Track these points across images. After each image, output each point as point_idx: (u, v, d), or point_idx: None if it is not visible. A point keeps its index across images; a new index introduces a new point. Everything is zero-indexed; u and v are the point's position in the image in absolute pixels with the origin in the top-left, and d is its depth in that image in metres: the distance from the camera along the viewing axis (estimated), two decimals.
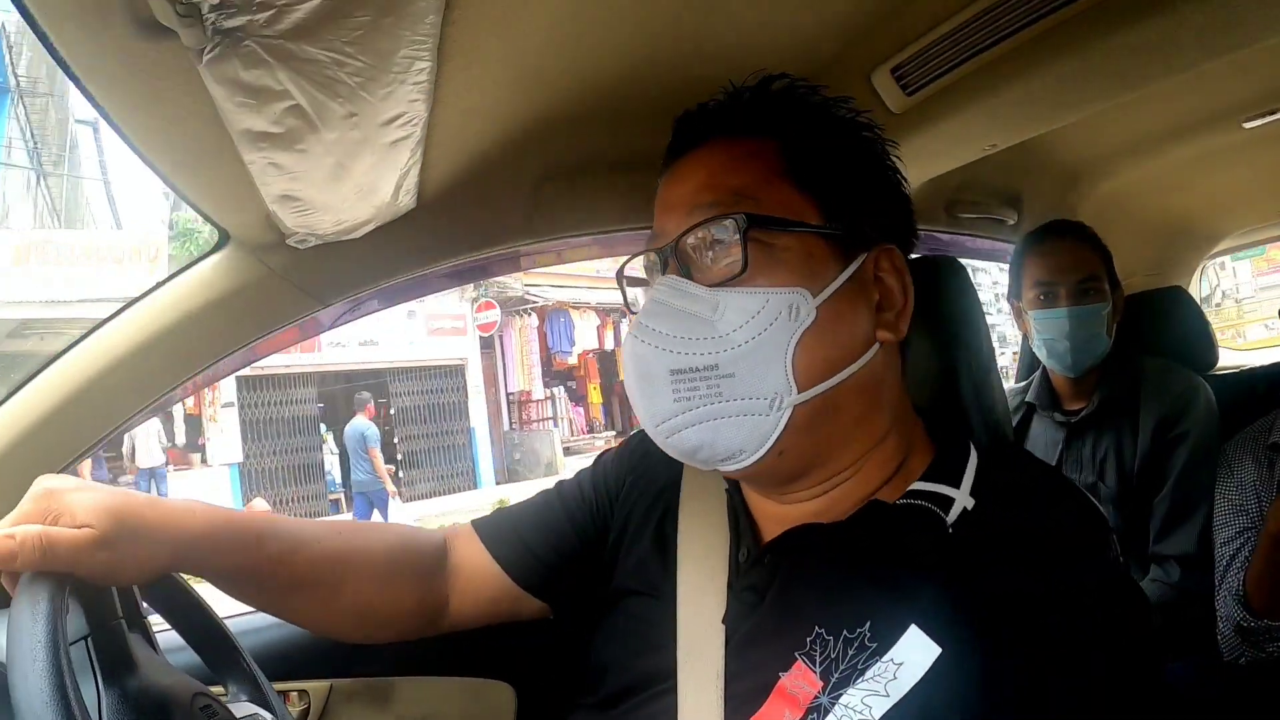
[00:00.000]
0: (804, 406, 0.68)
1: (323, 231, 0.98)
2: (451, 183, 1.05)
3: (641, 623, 0.81)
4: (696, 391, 0.68)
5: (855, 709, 0.61)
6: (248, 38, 0.59)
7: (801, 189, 0.72)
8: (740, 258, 0.68)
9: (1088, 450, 1.72)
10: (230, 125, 0.72)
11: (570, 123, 1.05)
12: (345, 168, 0.82)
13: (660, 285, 0.72)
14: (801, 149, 0.74)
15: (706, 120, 0.78)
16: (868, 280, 0.73)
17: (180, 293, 1.07)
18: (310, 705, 1.24)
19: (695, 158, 0.76)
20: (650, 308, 0.72)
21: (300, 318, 1.11)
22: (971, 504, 0.68)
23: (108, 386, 1.06)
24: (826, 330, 0.69)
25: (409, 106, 0.76)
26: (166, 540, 0.71)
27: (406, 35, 0.65)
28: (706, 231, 0.71)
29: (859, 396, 0.72)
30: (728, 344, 0.67)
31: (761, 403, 0.67)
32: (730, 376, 0.67)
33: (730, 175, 0.73)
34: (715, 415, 0.68)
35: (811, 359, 0.68)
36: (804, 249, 0.70)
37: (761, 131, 0.75)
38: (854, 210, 0.73)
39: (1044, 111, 1.22)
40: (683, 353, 0.68)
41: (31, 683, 0.55)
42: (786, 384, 0.67)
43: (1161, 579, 1.60)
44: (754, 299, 0.68)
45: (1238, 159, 1.82)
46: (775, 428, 0.68)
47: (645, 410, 0.71)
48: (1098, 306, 1.62)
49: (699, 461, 0.72)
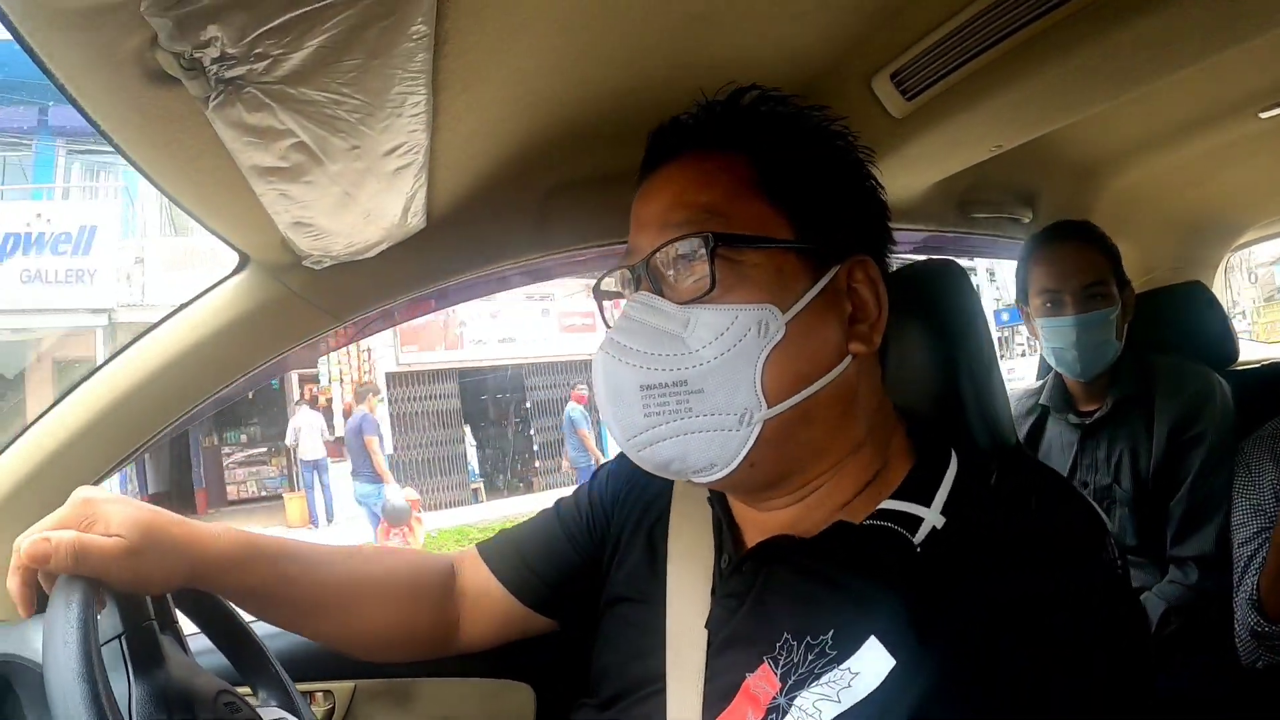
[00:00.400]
0: (774, 420, 0.69)
1: (336, 252, 1.02)
2: (459, 201, 1.08)
3: (633, 628, 0.83)
4: (666, 406, 0.68)
5: (807, 711, 0.63)
6: (248, 85, 0.63)
7: (772, 202, 0.72)
8: (708, 275, 0.69)
9: (1102, 452, 1.70)
10: (240, 162, 0.75)
11: (573, 139, 1.08)
12: (352, 195, 0.86)
13: (632, 302, 0.73)
14: (772, 161, 0.74)
15: (678, 135, 0.78)
16: (840, 292, 0.73)
17: (205, 313, 1.12)
18: (335, 705, 1.29)
19: (667, 173, 0.76)
20: (622, 324, 0.73)
21: (318, 334, 1.15)
22: (941, 523, 0.68)
23: (141, 401, 1.10)
24: (796, 345, 0.69)
25: (409, 136, 0.79)
26: (188, 556, 0.76)
27: (399, 74, 0.68)
28: (675, 249, 0.71)
29: (831, 408, 0.72)
30: (697, 360, 0.68)
31: (731, 418, 0.68)
32: (699, 392, 0.68)
33: (700, 191, 0.73)
34: (685, 430, 0.69)
35: (781, 374, 0.68)
36: (773, 264, 0.70)
37: (733, 145, 0.75)
38: (826, 222, 0.73)
39: (1048, 111, 1.21)
40: (653, 368, 0.69)
41: (64, 676, 0.60)
42: (756, 399, 0.68)
43: (1180, 580, 1.58)
44: (723, 316, 0.68)
45: (1256, 151, 1.79)
46: (746, 442, 0.69)
47: (616, 425, 0.72)
48: (1105, 312, 1.59)
49: (672, 473, 0.73)
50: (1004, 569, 0.63)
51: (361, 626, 0.92)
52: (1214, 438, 1.60)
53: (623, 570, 0.89)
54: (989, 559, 0.64)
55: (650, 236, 0.74)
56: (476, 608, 0.98)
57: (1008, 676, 0.59)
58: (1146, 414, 1.65)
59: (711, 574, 0.79)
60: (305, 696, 1.27)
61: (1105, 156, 1.79)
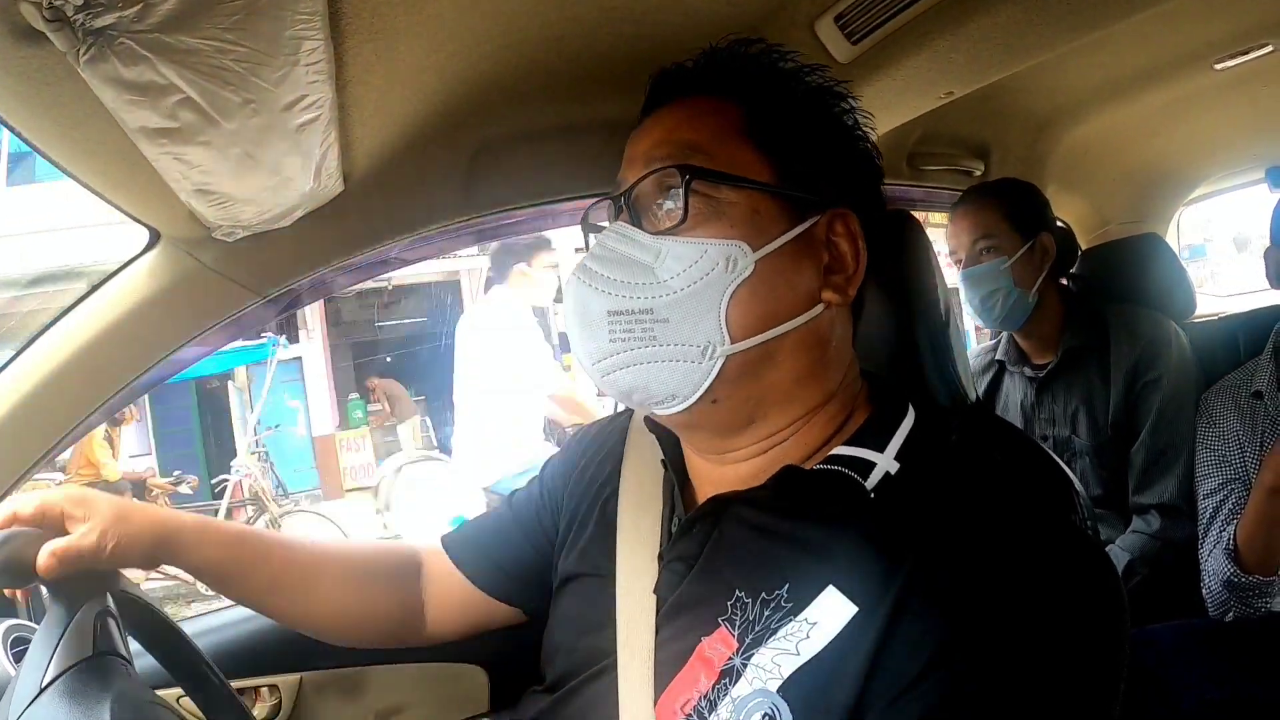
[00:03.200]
0: (737, 357, 0.69)
1: (248, 221, 0.96)
2: (379, 162, 1.03)
3: (585, 603, 0.82)
4: (631, 334, 0.69)
5: (765, 668, 0.61)
6: (120, 35, 0.58)
7: (759, 148, 0.72)
8: (682, 207, 0.69)
9: (1059, 404, 1.70)
10: (124, 124, 0.70)
11: (500, 92, 1.02)
12: (254, 157, 0.80)
13: (608, 232, 0.74)
14: (765, 112, 0.74)
15: (677, 79, 0.79)
16: (818, 241, 0.73)
17: (117, 294, 1.05)
18: (281, 700, 1.24)
19: (659, 115, 0.77)
20: (596, 251, 0.73)
21: (240, 310, 1.09)
22: (895, 468, 0.68)
23: (52, 397, 1.04)
24: (764, 284, 0.69)
25: (309, 88, 0.73)
26: (151, 524, 0.81)
27: (289, 15, 0.62)
28: (655, 181, 0.72)
29: (799, 354, 0.72)
30: (664, 290, 0.68)
31: (694, 349, 0.68)
32: (665, 321, 0.68)
33: (687, 130, 0.73)
34: (648, 359, 0.69)
35: (746, 311, 0.68)
36: (750, 205, 0.70)
37: (728, 93, 0.75)
38: (811, 174, 0.73)
39: (1000, 55, 1.17)
40: (621, 295, 0.69)
41: None
42: (720, 333, 0.68)
43: (1143, 530, 1.59)
44: (692, 248, 0.68)
45: (1211, 102, 1.78)
46: (707, 375, 0.69)
47: (582, 349, 0.72)
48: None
49: (634, 403, 0.74)
50: (964, 518, 0.61)
51: (319, 604, 0.94)
52: (1172, 383, 1.60)
53: (577, 547, 0.88)
54: (948, 506, 0.63)
55: (635, 170, 0.74)
56: (440, 597, 1.00)
57: (965, 629, 0.56)
58: (1102, 363, 1.66)
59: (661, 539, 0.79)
60: (250, 693, 1.24)
61: (1059, 108, 1.77)
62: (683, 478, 0.81)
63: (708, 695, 0.63)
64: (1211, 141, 2.09)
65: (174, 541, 0.83)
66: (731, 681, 0.62)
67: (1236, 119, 1.94)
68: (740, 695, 0.61)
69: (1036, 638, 0.56)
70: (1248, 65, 1.55)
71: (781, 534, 0.68)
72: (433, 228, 1.14)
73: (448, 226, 1.14)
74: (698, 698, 0.63)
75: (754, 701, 0.60)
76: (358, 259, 1.11)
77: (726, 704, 0.62)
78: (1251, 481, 1.39)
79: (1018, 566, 0.58)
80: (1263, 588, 1.34)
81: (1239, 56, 1.53)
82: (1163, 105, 1.75)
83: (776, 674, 0.60)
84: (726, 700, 0.62)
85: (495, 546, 0.98)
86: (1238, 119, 1.94)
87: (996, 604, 0.57)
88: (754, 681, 0.61)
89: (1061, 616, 0.57)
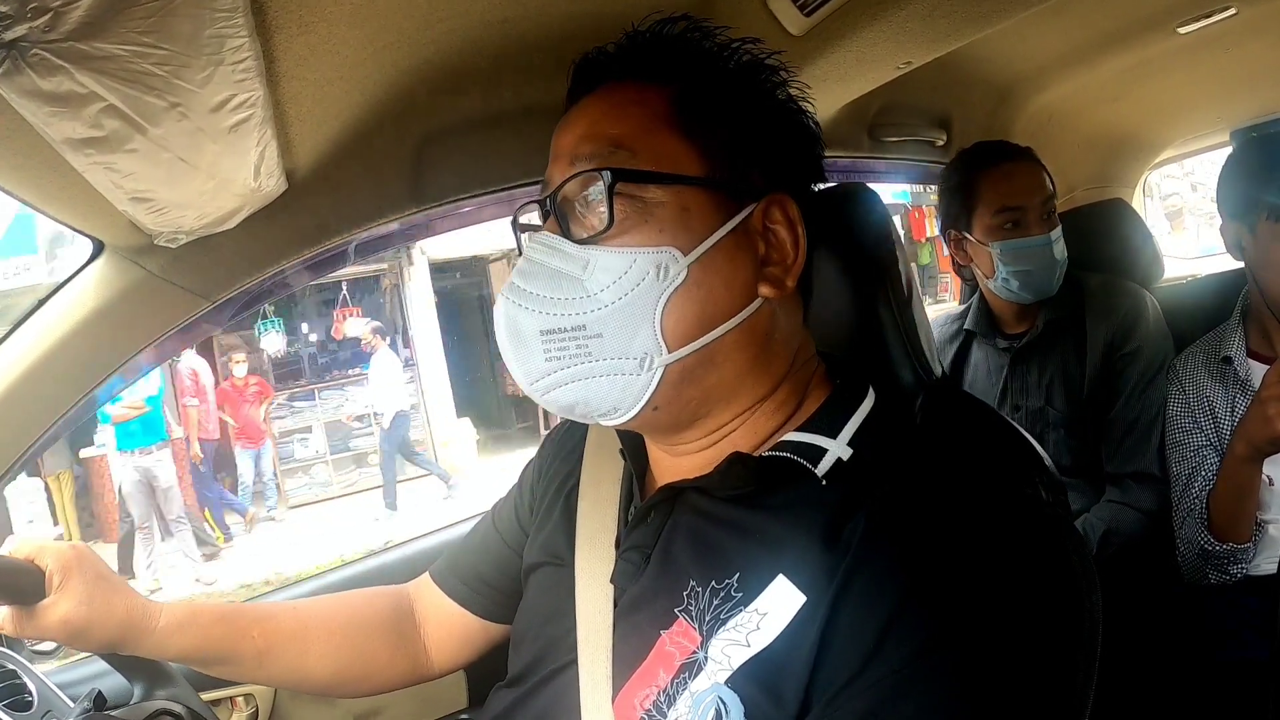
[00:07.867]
0: (676, 365, 0.67)
1: (190, 227, 0.93)
2: (322, 158, 1.00)
3: (548, 593, 0.81)
4: (566, 351, 0.67)
5: (716, 659, 0.60)
6: (33, 46, 0.56)
7: (687, 136, 0.69)
8: (607, 214, 0.66)
9: (1034, 375, 1.68)
10: (49, 137, 0.67)
11: (445, 79, 1.00)
12: (188, 161, 0.77)
13: (533, 244, 0.71)
14: (691, 94, 0.70)
15: (601, 65, 0.75)
16: (754, 232, 0.70)
17: (64, 308, 1.03)
18: (258, 709, 1.23)
19: (585, 104, 0.73)
20: (523, 266, 0.70)
21: (190, 317, 1.07)
22: (848, 454, 0.66)
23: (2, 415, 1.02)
24: (699, 288, 0.66)
25: (237, 88, 0.70)
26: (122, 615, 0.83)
27: (206, 14, 0.60)
28: (579, 183, 0.68)
29: (740, 350, 0.69)
30: (595, 304, 0.66)
31: (631, 362, 0.66)
32: (599, 337, 0.66)
33: (611, 123, 0.70)
34: (586, 375, 0.67)
35: (681, 318, 0.66)
36: (679, 202, 0.67)
37: (653, 76, 0.72)
38: (743, 159, 0.70)
39: (957, 23, 1.15)
40: (552, 313, 0.67)
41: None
42: (656, 344, 0.66)
43: (1117, 499, 1.58)
44: (621, 259, 0.65)
45: (1174, 66, 1.76)
46: (648, 387, 0.67)
47: (519, 369, 0.70)
48: (1060, 230, 1.56)
49: (578, 416, 0.72)
50: (911, 503, 0.60)
51: (314, 666, 0.94)
52: (1148, 353, 1.59)
53: (541, 537, 0.87)
54: (896, 491, 0.61)
55: (561, 169, 0.71)
56: (440, 630, 1.00)
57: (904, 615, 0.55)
58: (1078, 334, 1.64)
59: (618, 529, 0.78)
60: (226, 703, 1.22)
61: (1021, 75, 1.76)
62: (643, 468, 0.80)
63: (666, 690, 0.62)
64: (1175, 105, 2.08)
65: (143, 634, 0.84)
66: (691, 675, 0.61)
67: (1200, 82, 1.93)
68: (699, 690, 0.60)
69: (981, 617, 0.55)
70: (1211, 28, 1.53)
71: (731, 522, 0.67)
72: (382, 221, 1.11)
73: (398, 218, 1.12)
74: (656, 693, 0.63)
75: (710, 697, 0.59)
76: (308, 256, 1.09)
77: (685, 699, 0.61)
78: (1223, 448, 1.39)
79: (962, 546, 0.57)
80: (1238, 554, 1.35)
81: (1202, 19, 1.50)
82: (1126, 69, 1.74)
83: (726, 665, 0.59)
84: (685, 695, 0.61)
85: (482, 564, 0.97)
86: (1202, 82, 1.93)
87: (938, 585, 0.55)
88: (713, 675, 0.60)
89: (1008, 592, 0.56)
